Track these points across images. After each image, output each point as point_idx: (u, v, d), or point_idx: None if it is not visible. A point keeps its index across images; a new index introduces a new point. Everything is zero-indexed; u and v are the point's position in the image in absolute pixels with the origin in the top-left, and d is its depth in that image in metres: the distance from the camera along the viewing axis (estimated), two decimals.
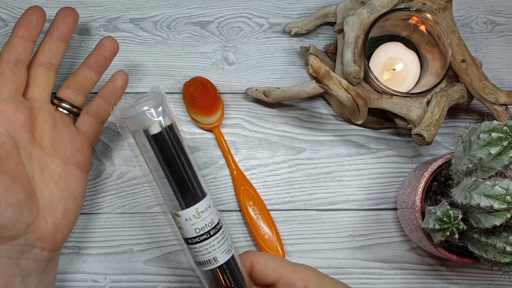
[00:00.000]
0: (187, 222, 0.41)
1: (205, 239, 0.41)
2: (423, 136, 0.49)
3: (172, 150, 0.41)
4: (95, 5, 0.58)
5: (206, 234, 0.41)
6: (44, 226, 0.44)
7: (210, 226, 0.41)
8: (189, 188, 0.41)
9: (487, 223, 0.41)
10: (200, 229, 0.41)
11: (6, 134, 0.43)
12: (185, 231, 0.41)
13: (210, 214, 0.42)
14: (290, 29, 0.57)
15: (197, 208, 0.41)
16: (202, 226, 0.41)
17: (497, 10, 0.60)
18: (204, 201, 0.42)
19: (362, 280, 0.53)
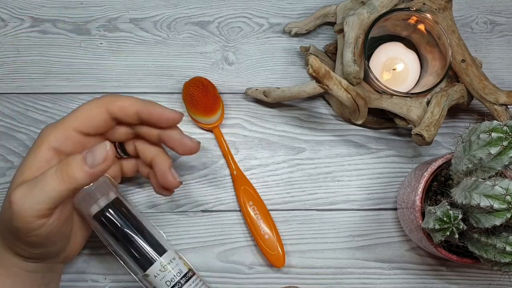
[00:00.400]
0: (156, 278, 0.44)
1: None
2: (423, 136, 0.49)
3: (121, 220, 0.45)
4: (95, 5, 0.58)
5: (177, 284, 0.45)
6: (71, 248, 0.46)
7: (179, 276, 0.45)
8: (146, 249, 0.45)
9: (487, 223, 0.41)
10: (170, 281, 0.44)
11: None
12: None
13: (177, 265, 0.45)
14: (290, 29, 0.57)
15: (161, 261, 0.45)
16: (172, 278, 0.44)
17: (497, 10, 0.60)
18: (167, 255, 0.45)
19: (362, 280, 0.53)
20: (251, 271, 0.53)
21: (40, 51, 0.56)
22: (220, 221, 0.54)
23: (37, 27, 0.57)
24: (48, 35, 0.57)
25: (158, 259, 0.45)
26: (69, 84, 0.56)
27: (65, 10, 0.57)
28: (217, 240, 0.53)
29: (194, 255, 0.53)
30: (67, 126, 0.43)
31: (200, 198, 0.54)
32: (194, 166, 0.55)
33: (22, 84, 0.56)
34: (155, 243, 0.45)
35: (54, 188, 0.39)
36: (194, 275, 0.46)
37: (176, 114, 0.45)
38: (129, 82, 0.56)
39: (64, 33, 0.57)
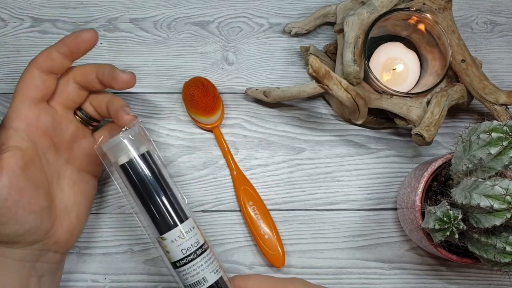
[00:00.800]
0: (173, 244, 0.42)
1: (192, 259, 0.42)
2: (423, 136, 0.49)
3: (151, 176, 0.43)
4: (95, 5, 0.58)
5: (193, 254, 0.42)
6: (60, 231, 0.45)
7: (196, 246, 0.42)
8: (170, 211, 0.43)
9: (487, 223, 0.41)
10: (186, 250, 0.42)
11: (28, 140, 0.44)
12: (172, 254, 0.42)
13: (195, 234, 0.43)
14: (290, 29, 0.57)
15: (181, 228, 0.42)
16: (188, 247, 0.42)
17: (497, 10, 0.60)
18: (187, 222, 0.43)
19: (362, 280, 0.53)
20: (251, 271, 0.53)
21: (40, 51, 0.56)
22: (220, 221, 0.54)
23: (37, 27, 0.57)
24: (48, 35, 0.57)
25: (179, 225, 0.42)
26: None
27: (65, 10, 0.58)
28: (217, 240, 0.53)
29: None
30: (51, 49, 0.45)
31: (200, 198, 0.54)
32: (194, 166, 0.55)
33: None
34: (178, 208, 0.43)
35: None
36: (208, 248, 0.44)
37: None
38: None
39: (64, 33, 0.57)
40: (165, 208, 0.43)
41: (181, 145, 0.55)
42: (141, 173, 0.42)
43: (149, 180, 0.43)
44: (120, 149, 0.42)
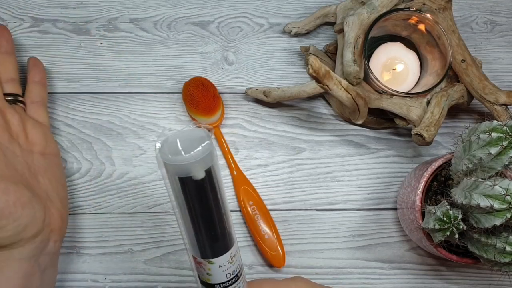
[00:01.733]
0: (220, 269, 0.38)
1: (233, 282, 0.39)
2: (423, 136, 0.49)
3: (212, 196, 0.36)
4: (95, 5, 0.58)
5: (235, 277, 0.39)
6: (53, 218, 0.46)
7: (238, 269, 0.39)
8: (225, 236, 0.38)
9: (487, 223, 0.41)
10: (231, 273, 0.39)
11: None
12: (214, 277, 0.38)
13: (239, 257, 0.39)
14: (290, 29, 0.57)
15: (231, 253, 0.38)
16: (233, 270, 0.39)
17: (497, 10, 0.60)
18: (235, 246, 0.39)
19: (362, 280, 0.53)
20: (251, 271, 0.53)
21: (40, 51, 0.56)
22: None
23: (37, 27, 0.57)
24: (48, 35, 0.57)
25: (229, 250, 0.38)
26: (69, 84, 0.56)
27: (65, 10, 0.57)
28: None
29: None
30: None
31: None
32: None
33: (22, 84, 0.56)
34: (231, 232, 0.38)
35: None
36: (243, 270, 0.41)
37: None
38: (129, 82, 0.56)
39: (64, 33, 0.57)
40: (221, 233, 0.37)
41: None
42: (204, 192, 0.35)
43: (211, 201, 0.36)
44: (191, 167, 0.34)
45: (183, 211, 0.36)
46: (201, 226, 0.37)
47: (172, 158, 0.33)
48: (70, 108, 0.55)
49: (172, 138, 0.34)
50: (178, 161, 0.33)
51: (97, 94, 0.56)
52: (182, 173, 0.34)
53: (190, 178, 0.34)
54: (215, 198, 0.36)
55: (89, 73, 0.56)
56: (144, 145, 0.55)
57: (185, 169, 0.34)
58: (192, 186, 0.35)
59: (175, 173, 0.34)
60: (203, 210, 0.36)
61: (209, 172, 0.35)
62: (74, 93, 0.56)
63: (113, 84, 0.56)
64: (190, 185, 0.35)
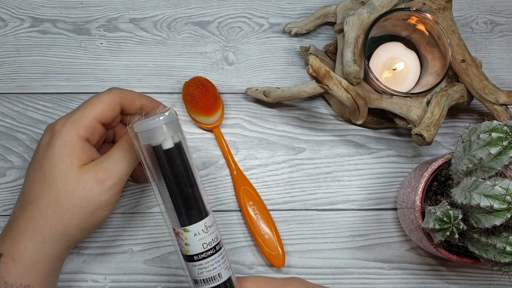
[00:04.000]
0: (195, 237, 0.41)
1: (211, 254, 0.42)
2: (423, 136, 0.49)
3: (183, 166, 0.41)
4: (95, 5, 0.58)
5: (212, 249, 0.42)
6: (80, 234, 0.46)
7: (216, 242, 0.42)
8: (198, 203, 0.42)
9: (487, 223, 0.41)
10: (207, 244, 0.41)
11: None
12: (192, 247, 0.41)
13: (215, 230, 0.42)
14: (290, 29, 0.57)
15: (205, 222, 0.42)
16: (209, 241, 0.41)
17: (497, 10, 0.60)
18: (210, 217, 0.42)
19: (362, 280, 0.53)
20: (251, 271, 0.53)
21: (40, 51, 0.56)
22: (220, 221, 0.54)
23: (37, 27, 0.57)
24: (48, 35, 0.57)
25: (204, 218, 0.42)
26: (69, 84, 0.56)
27: (65, 10, 0.58)
28: None
29: None
30: (91, 118, 0.44)
31: None
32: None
33: (22, 84, 0.56)
34: (203, 202, 0.42)
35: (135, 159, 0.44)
36: (223, 246, 0.43)
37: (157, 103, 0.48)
38: (129, 82, 0.56)
39: (64, 33, 0.57)
40: (194, 200, 0.42)
41: None
42: (176, 162, 0.41)
43: (182, 170, 0.41)
44: (159, 134, 0.40)
45: (158, 182, 0.42)
46: (175, 193, 0.41)
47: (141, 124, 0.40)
48: (70, 108, 0.55)
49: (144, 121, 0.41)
50: (146, 127, 0.40)
51: None
52: (152, 141, 0.41)
53: (160, 147, 0.40)
54: (185, 168, 0.41)
55: (89, 73, 0.56)
56: None
57: (154, 136, 0.40)
58: (163, 155, 0.41)
59: (147, 141, 0.41)
60: (174, 178, 0.41)
61: (177, 144, 0.41)
62: (74, 93, 0.56)
63: (113, 84, 0.56)
64: (161, 154, 0.41)
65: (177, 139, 0.41)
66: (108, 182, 0.42)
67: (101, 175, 0.42)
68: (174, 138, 0.41)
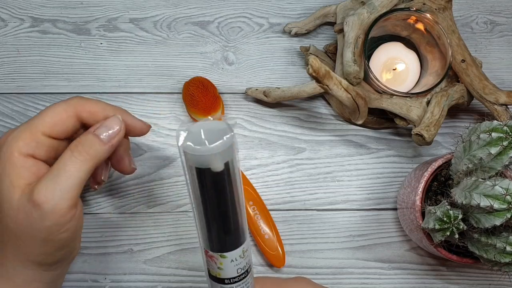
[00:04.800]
0: (232, 263, 0.38)
1: (243, 277, 0.39)
2: (423, 136, 0.49)
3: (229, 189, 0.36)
4: (95, 5, 0.58)
5: (245, 273, 0.39)
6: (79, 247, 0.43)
7: (248, 265, 0.39)
8: (238, 230, 0.37)
9: (487, 223, 0.41)
10: (242, 269, 0.38)
11: None
12: (225, 271, 0.38)
13: (249, 254, 0.39)
14: (290, 29, 0.57)
15: (243, 247, 0.38)
16: (244, 266, 0.39)
17: (497, 10, 0.60)
18: (247, 242, 0.38)
19: (362, 280, 0.53)
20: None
21: (40, 51, 0.56)
22: None
23: (37, 27, 0.57)
24: (48, 35, 0.57)
25: (242, 244, 0.38)
26: (69, 84, 0.56)
27: (65, 10, 0.58)
28: None
29: (194, 255, 0.53)
30: (34, 130, 0.39)
31: None
32: None
33: (22, 84, 0.56)
34: (244, 226, 0.38)
35: (78, 171, 0.37)
36: (251, 265, 0.40)
37: (146, 126, 0.43)
38: (129, 82, 0.56)
39: (64, 33, 0.57)
40: (235, 225, 0.37)
41: None
42: (223, 184, 0.35)
43: (227, 193, 0.35)
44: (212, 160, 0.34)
45: (199, 203, 0.36)
46: (217, 219, 0.36)
47: (195, 148, 0.33)
48: None
49: (195, 129, 0.34)
50: (201, 151, 0.33)
51: (97, 94, 0.56)
52: (202, 164, 0.34)
53: (209, 170, 0.34)
54: (231, 191, 0.36)
55: (89, 73, 0.56)
56: (144, 145, 0.55)
57: (206, 160, 0.34)
58: (211, 178, 0.34)
59: (195, 164, 0.34)
60: (220, 203, 0.36)
61: (227, 165, 0.34)
62: (74, 93, 0.56)
63: (113, 84, 0.56)
64: (209, 177, 0.34)
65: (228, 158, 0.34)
66: (46, 205, 0.36)
67: (37, 197, 0.36)
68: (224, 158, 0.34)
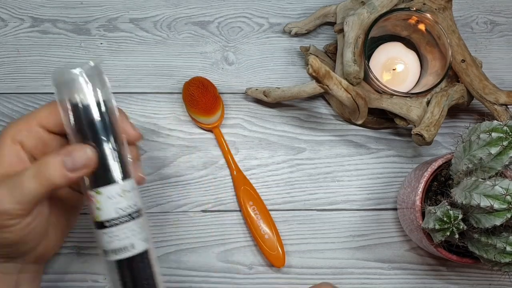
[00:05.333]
0: (108, 201, 0.37)
1: (125, 221, 0.37)
2: (423, 136, 0.49)
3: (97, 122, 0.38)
4: (95, 5, 0.58)
5: (127, 216, 0.37)
6: (46, 246, 0.43)
7: (134, 208, 0.38)
8: (116, 165, 0.38)
9: (487, 223, 0.41)
10: (122, 210, 0.37)
11: None
12: (103, 212, 0.37)
13: (135, 196, 0.38)
14: (290, 29, 0.57)
15: (123, 186, 0.38)
16: (125, 207, 0.37)
17: (497, 10, 0.60)
18: (130, 182, 0.38)
19: (362, 280, 0.53)
20: (251, 271, 0.53)
21: (40, 51, 0.56)
22: (220, 221, 0.54)
23: (37, 27, 0.57)
24: (48, 35, 0.57)
25: (121, 182, 0.38)
26: None
27: (65, 10, 0.58)
28: (217, 240, 0.53)
29: (194, 255, 0.53)
30: (30, 120, 0.40)
31: (200, 198, 0.54)
32: (194, 166, 0.55)
33: (22, 84, 0.56)
34: (124, 164, 0.38)
35: (32, 191, 0.38)
36: (143, 215, 0.39)
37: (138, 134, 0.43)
38: (129, 82, 0.56)
39: (64, 33, 0.57)
40: (110, 159, 0.37)
41: (181, 145, 0.55)
42: (93, 116, 0.37)
43: (99, 125, 0.37)
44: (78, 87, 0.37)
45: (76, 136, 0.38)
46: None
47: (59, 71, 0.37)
48: None
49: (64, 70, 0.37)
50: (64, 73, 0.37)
51: None
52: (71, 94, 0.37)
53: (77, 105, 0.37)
54: (104, 123, 0.37)
55: None
56: (144, 145, 0.55)
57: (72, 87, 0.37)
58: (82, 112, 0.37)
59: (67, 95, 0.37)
60: (93, 134, 0.37)
61: (98, 101, 0.37)
62: None
63: (113, 84, 0.56)
64: (79, 111, 0.37)
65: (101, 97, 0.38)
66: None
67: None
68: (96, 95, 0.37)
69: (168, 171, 0.54)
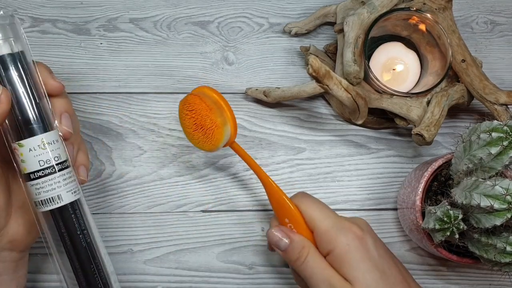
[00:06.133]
0: (30, 153, 0.38)
1: (49, 173, 0.39)
2: (423, 136, 0.49)
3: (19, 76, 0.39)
4: (95, 5, 0.58)
5: (51, 168, 0.39)
6: (16, 229, 0.42)
7: (57, 161, 0.39)
8: (37, 117, 0.39)
9: (488, 223, 0.41)
10: (45, 162, 0.39)
11: None
12: (27, 164, 0.39)
13: (58, 148, 0.40)
14: (290, 29, 0.57)
15: (43, 138, 0.39)
16: (48, 159, 0.39)
17: (497, 10, 0.60)
18: (52, 134, 0.39)
19: None
20: (251, 271, 0.53)
21: (40, 51, 0.56)
22: (220, 221, 0.54)
23: (37, 27, 0.57)
24: (48, 35, 0.57)
25: (41, 133, 0.39)
26: (69, 84, 0.56)
27: (65, 10, 0.58)
28: (217, 240, 0.53)
29: (194, 255, 0.53)
30: None
31: (200, 198, 0.54)
32: (194, 166, 0.55)
33: None
34: (43, 115, 0.39)
35: None
36: (69, 167, 0.40)
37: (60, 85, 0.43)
38: (129, 82, 0.56)
39: (64, 33, 0.57)
40: (28, 111, 0.39)
41: (181, 145, 0.55)
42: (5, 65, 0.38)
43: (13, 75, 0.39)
44: None
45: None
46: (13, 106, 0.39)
47: None
48: None
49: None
50: None
51: (97, 94, 0.56)
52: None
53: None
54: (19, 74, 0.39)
55: (89, 73, 0.56)
56: (144, 145, 0.55)
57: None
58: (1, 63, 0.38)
59: None
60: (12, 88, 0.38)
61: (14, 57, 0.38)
62: (74, 93, 0.56)
63: (113, 84, 0.56)
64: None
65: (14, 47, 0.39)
66: None
67: None
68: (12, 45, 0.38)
69: (168, 171, 0.54)
